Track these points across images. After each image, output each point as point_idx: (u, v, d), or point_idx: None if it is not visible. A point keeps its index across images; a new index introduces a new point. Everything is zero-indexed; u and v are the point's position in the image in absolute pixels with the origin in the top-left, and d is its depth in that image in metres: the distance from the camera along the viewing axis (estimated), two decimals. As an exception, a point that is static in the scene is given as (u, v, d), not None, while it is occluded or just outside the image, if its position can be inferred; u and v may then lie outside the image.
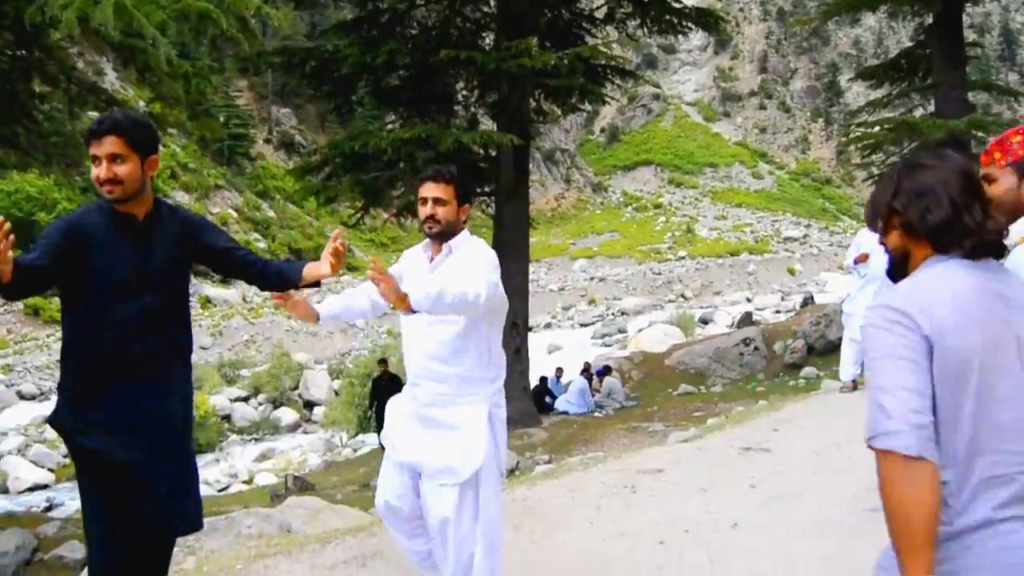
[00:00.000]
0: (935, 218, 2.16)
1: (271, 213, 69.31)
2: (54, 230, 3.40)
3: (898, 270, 2.27)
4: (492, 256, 4.14)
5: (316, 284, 3.86)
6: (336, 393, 30.93)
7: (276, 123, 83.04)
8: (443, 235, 4.09)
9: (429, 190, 4.09)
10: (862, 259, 10.47)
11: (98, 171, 3.40)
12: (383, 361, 19.44)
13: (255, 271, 3.85)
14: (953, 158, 2.24)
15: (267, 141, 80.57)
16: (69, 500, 18.71)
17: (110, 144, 3.38)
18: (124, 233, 3.47)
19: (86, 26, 7.33)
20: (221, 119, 69.61)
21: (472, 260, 4.05)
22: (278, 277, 3.86)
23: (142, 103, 31.66)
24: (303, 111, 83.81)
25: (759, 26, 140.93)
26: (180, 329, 3.65)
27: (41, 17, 7.63)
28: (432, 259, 4.16)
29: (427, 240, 4.19)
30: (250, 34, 8.65)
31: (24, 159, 11.18)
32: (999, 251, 2.18)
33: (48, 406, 34.89)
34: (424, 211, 4.09)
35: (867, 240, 10.26)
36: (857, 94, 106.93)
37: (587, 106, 19.84)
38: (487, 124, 18.34)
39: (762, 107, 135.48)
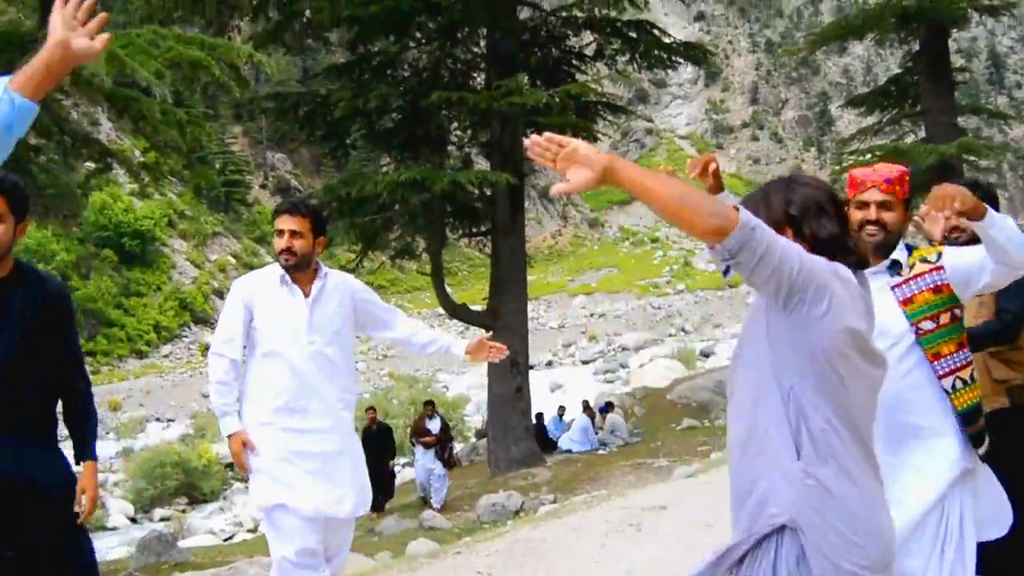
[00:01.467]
0: (827, 232, 2.41)
1: (268, 259, 69.38)
2: None
3: None
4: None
5: None
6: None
7: (271, 168, 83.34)
8: (299, 267, 4.13)
9: (285, 223, 4.11)
10: None
11: (280, 241, 3.47)
12: (371, 409, 17.53)
13: (63, 392, 3.68)
14: (823, 182, 2.56)
15: (263, 186, 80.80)
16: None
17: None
18: None
19: (78, 76, 7.34)
20: (217, 166, 69.99)
21: (356, 293, 4.33)
22: (71, 426, 3.75)
23: (138, 152, 31.83)
24: (298, 155, 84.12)
25: (748, 58, 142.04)
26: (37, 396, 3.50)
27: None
28: (307, 293, 4.18)
29: (280, 272, 4.19)
30: (242, 81, 8.70)
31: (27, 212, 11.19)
32: (864, 264, 2.51)
33: None
34: (280, 243, 4.13)
35: None
36: (848, 122, 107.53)
37: (580, 143, 19.91)
38: (481, 163, 18.40)
39: (754, 138, 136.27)
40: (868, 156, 22.80)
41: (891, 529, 2.37)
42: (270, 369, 4.16)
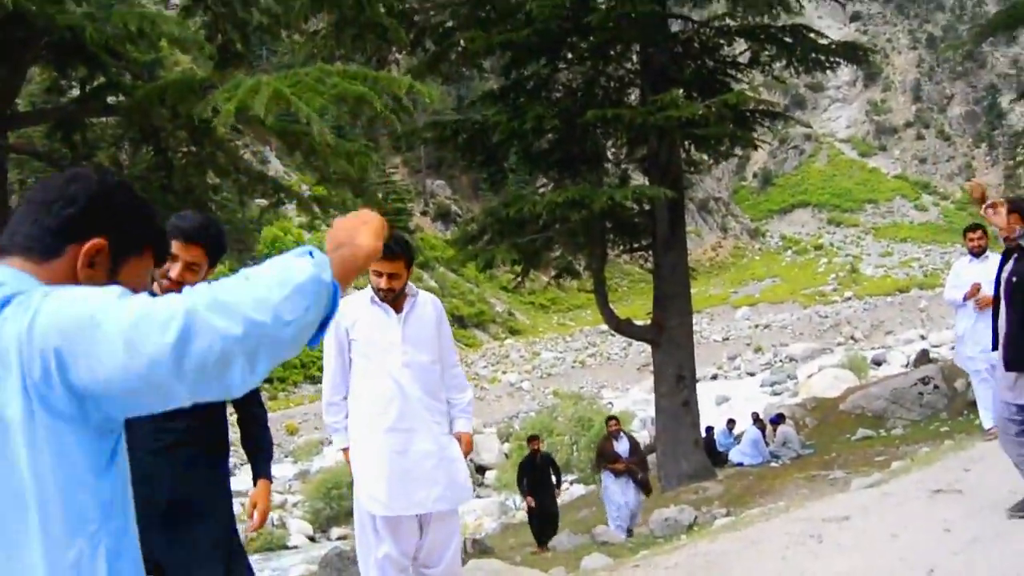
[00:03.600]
0: None
1: (433, 283, 70.89)
2: None
3: None
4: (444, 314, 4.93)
5: None
6: (506, 456, 31.16)
7: (431, 195, 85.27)
8: (389, 299, 4.58)
9: (384, 267, 4.47)
10: (975, 292, 9.18)
11: (170, 267, 3.52)
12: (534, 439, 16.21)
13: (241, 422, 4.03)
14: None
15: (424, 213, 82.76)
16: (258, 572, 19.44)
17: (193, 253, 3.56)
18: None
19: (244, 115, 7.72)
20: (379, 195, 71.98)
21: (435, 314, 4.79)
22: (249, 450, 4.05)
23: (306, 187, 33.10)
24: (456, 182, 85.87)
25: (909, 55, 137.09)
26: None
27: (209, 113, 8.09)
28: (399, 311, 4.61)
29: (371, 294, 4.61)
30: (404, 111, 8.97)
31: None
32: None
33: (234, 482, 36.22)
34: (380, 283, 4.51)
35: (969, 270, 9.49)
36: (1021, 115, 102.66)
37: (738, 152, 19.67)
38: (638, 179, 18.37)
39: (920, 137, 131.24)
40: (1046, 148, 21.74)
41: None
42: (369, 381, 4.57)
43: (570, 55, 17.11)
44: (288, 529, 27.05)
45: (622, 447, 14.82)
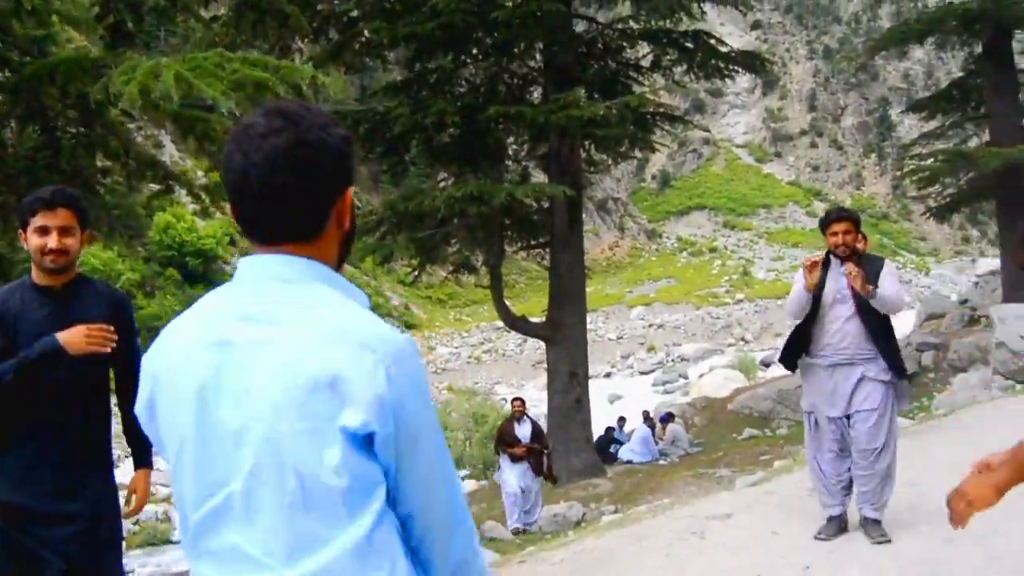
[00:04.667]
0: None
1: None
2: None
3: None
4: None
5: None
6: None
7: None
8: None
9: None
10: None
11: (45, 240, 3.51)
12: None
13: (123, 403, 3.88)
14: None
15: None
16: (139, 567, 18.94)
17: (62, 216, 3.53)
18: (41, 303, 3.59)
19: (147, 98, 7.52)
20: (277, 184, 70.85)
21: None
22: (130, 437, 3.89)
23: (200, 173, 32.47)
24: (356, 173, 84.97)
25: (806, 65, 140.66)
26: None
27: (104, 94, 7.87)
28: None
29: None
30: (304, 101, 8.86)
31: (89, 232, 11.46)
32: None
33: (116, 474, 35.35)
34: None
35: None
36: (909, 127, 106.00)
37: (638, 154, 19.92)
38: (539, 176, 18.47)
39: (814, 145, 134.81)
40: (931, 160, 22.55)
41: None
42: None
43: (475, 50, 17.10)
44: (172, 523, 26.45)
45: (523, 431, 14.00)
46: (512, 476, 13.67)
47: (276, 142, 1.57)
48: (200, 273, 59.04)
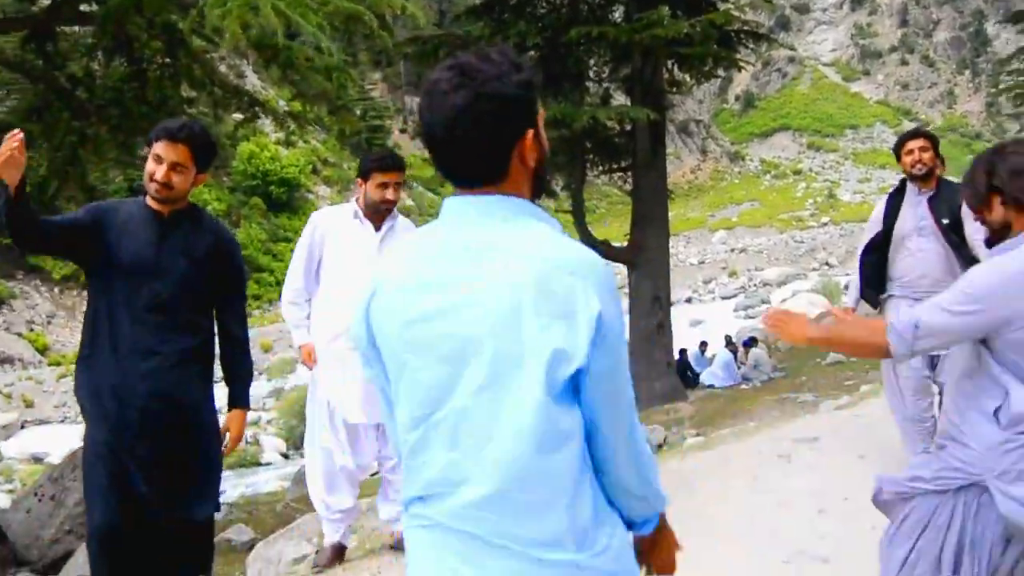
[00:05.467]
0: None
1: (410, 202, 70.54)
2: (81, 210, 3.72)
3: (996, 239, 2.80)
4: None
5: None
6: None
7: (410, 112, 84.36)
8: (389, 212, 4.76)
9: (391, 177, 4.69)
10: None
11: (155, 169, 3.59)
12: None
13: (222, 342, 3.95)
14: None
15: (403, 131, 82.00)
16: (231, 488, 19.55)
17: (179, 152, 3.58)
18: (147, 223, 3.68)
19: (248, 34, 7.55)
20: (358, 112, 71.21)
21: None
22: (228, 376, 3.99)
23: (283, 102, 32.65)
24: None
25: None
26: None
27: (197, 27, 7.93)
28: (378, 228, 4.74)
29: (355, 208, 4.72)
30: (388, 30, 8.83)
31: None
32: None
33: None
34: (384, 194, 4.68)
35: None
36: (1006, 41, 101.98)
37: (721, 73, 19.51)
38: (620, 98, 18.22)
39: (904, 62, 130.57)
40: (1028, 77, 21.70)
41: None
42: (339, 290, 4.64)
43: (556, -30, 16.84)
44: (261, 446, 27.23)
45: None
46: None
47: (455, 99, 1.75)
48: (284, 202, 59.85)
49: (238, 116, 12.73)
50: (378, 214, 4.70)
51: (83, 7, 9.72)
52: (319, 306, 4.78)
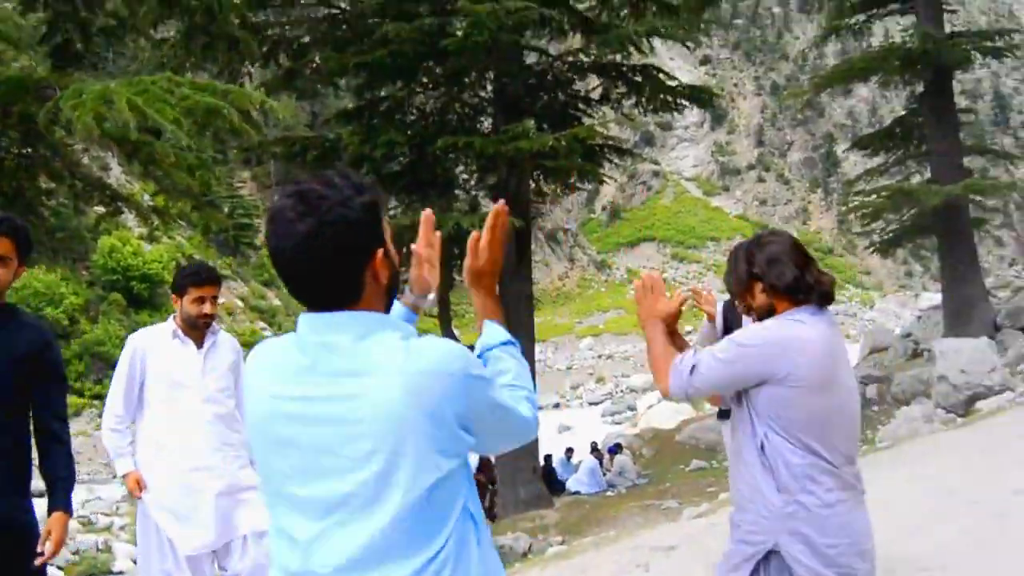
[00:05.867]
0: (786, 279, 2.88)
1: (276, 302, 69.48)
2: None
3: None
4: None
5: None
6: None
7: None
8: (208, 327, 4.65)
9: (207, 291, 4.58)
10: None
11: (202, 307, 3.91)
12: None
13: (41, 443, 3.73)
14: (785, 234, 3.10)
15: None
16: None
17: (2, 245, 3.44)
18: None
19: (101, 126, 7.43)
20: (225, 209, 70.38)
21: (234, 355, 4.75)
22: (46, 478, 3.75)
23: (147, 196, 32.09)
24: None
25: (754, 100, 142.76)
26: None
27: (52, 119, 7.77)
28: (200, 346, 4.64)
29: (173, 327, 4.65)
30: (254, 125, 8.81)
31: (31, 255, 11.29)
32: (831, 299, 2.93)
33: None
34: (202, 309, 4.55)
35: None
36: (854, 163, 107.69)
37: (587, 185, 20.03)
38: (488, 206, 18.49)
39: (761, 180, 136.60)
40: (874, 197, 22.91)
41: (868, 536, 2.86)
42: (166, 415, 4.56)
43: (425, 79, 17.15)
44: (114, 553, 25.94)
45: (471, 461, 13.68)
46: None
47: (300, 228, 1.78)
48: (145, 298, 58.17)
49: (100, 209, 12.41)
50: (196, 329, 4.62)
51: (-64, 96, 9.41)
52: (147, 431, 4.63)
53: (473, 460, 9.06)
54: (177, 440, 4.51)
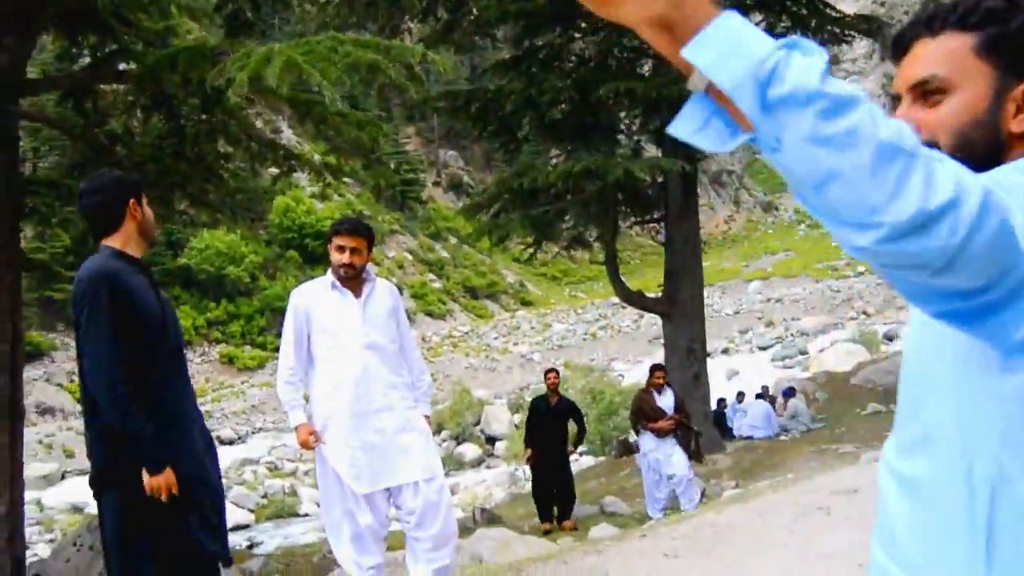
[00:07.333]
0: None
1: (444, 254, 70.87)
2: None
3: None
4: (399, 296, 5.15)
5: None
6: (516, 427, 31.22)
7: (444, 166, 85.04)
8: (351, 277, 4.79)
9: (346, 240, 4.76)
10: None
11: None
12: (552, 372, 12.97)
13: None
14: None
15: (436, 184, 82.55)
16: (269, 539, 19.49)
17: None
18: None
19: (258, 84, 7.66)
20: (392, 165, 71.91)
21: (392, 300, 4.95)
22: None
23: (317, 156, 33.07)
24: (469, 152, 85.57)
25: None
26: None
27: (221, 81, 8.06)
28: (358, 296, 4.83)
29: (331, 279, 4.82)
30: (417, 81, 8.90)
31: (213, 216, 11.82)
32: None
33: (244, 449, 36.58)
34: (342, 258, 4.74)
35: None
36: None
37: (753, 124, 19.53)
38: (652, 150, 18.27)
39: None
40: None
41: None
42: (332, 364, 4.77)
43: (584, 24, 16.97)
44: (299, 497, 27.22)
45: (666, 401, 11.85)
46: (660, 454, 11.63)
47: None
48: (320, 254, 60.16)
49: (274, 170, 12.86)
50: (347, 280, 4.79)
51: (121, 66, 9.90)
52: (318, 382, 4.86)
53: (670, 403, 8.94)
54: (345, 388, 4.71)
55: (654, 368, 12.53)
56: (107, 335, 3.45)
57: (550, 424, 12.16)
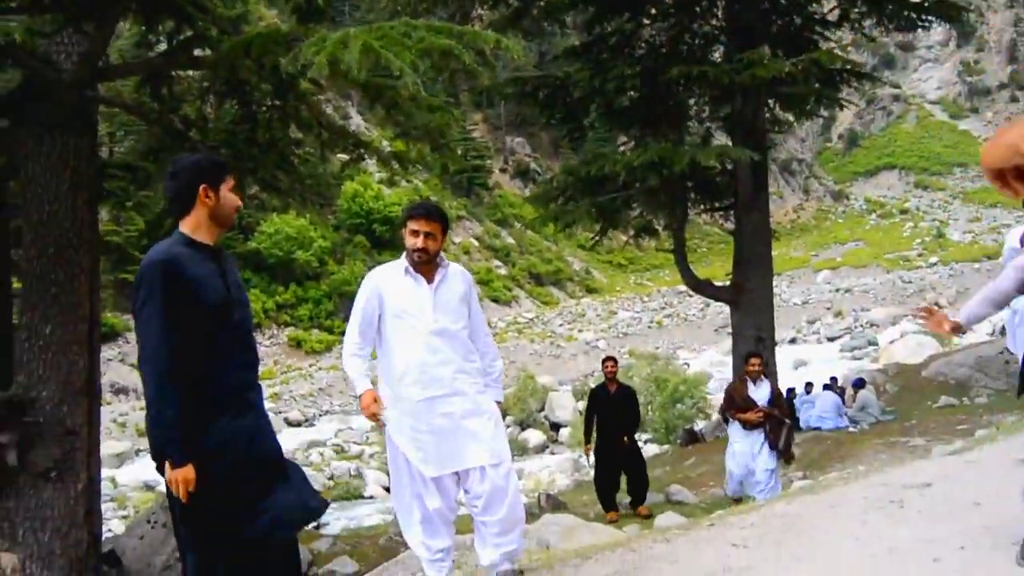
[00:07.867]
0: None
1: (510, 240, 71.00)
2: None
3: None
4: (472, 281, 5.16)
5: None
6: (580, 413, 31.22)
7: (511, 152, 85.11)
8: (425, 261, 4.80)
9: (421, 225, 4.75)
10: None
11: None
12: (610, 360, 12.53)
13: None
14: None
15: (503, 170, 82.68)
16: (335, 520, 19.74)
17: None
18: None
19: (335, 68, 7.73)
20: (459, 151, 72.12)
21: (464, 286, 4.96)
22: None
23: (386, 143, 33.26)
24: (536, 139, 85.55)
25: (1005, 14, 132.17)
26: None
27: (295, 65, 8.14)
28: (431, 281, 4.84)
29: (405, 264, 4.84)
30: (488, 66, 8.92)
31: (284, 201, 11.99)
32: None
33: (312, 432, 37.06)
34: (415, 242, 4.74)
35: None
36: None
37: (824, 112, 19.25)
38: (721, 138, 18.10)
39: (1014, 99, 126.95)
40: None
41: None
42: (402, 347, 4.80)
43: (654, 11, 16.87)
44: (364, 480, 27.55)
45: (761, 393, 11.14)
46: (746, 447, 11.11)
47: None
48: (387, 239, 60.78)
49: (343, 156, 13.00)
50: (420, 265, 4.80)
51: (196, 52, 10.05)
52: (387, 366, 4.89)
53: (764, 395, 8.84)
54: (413, 372, 4.74)
55: (749, 355, 11.73)
56: (159, 324, 3.46)
57: (609, 413, 12.13)
